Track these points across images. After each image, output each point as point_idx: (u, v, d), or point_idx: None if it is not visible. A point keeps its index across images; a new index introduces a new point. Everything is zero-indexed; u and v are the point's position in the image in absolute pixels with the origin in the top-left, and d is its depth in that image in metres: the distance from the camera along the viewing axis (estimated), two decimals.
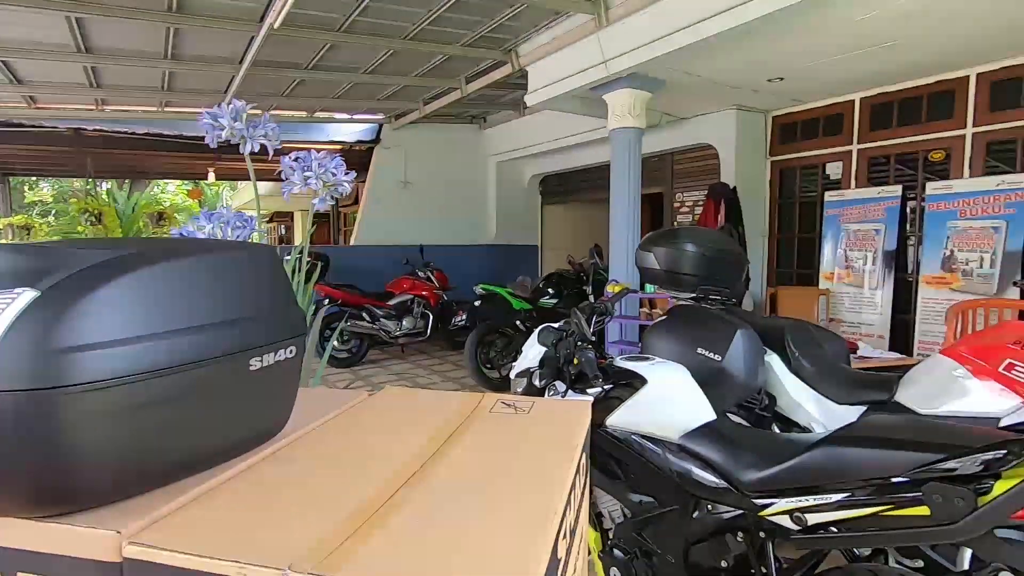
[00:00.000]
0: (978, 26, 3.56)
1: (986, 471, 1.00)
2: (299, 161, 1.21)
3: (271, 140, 1.22)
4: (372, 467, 0.74)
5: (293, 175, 1.20)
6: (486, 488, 0.69)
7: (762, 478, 1.30)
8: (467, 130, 8.14)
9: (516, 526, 0.58)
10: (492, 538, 0.55)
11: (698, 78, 4.57)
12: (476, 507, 0.61)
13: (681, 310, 2.43)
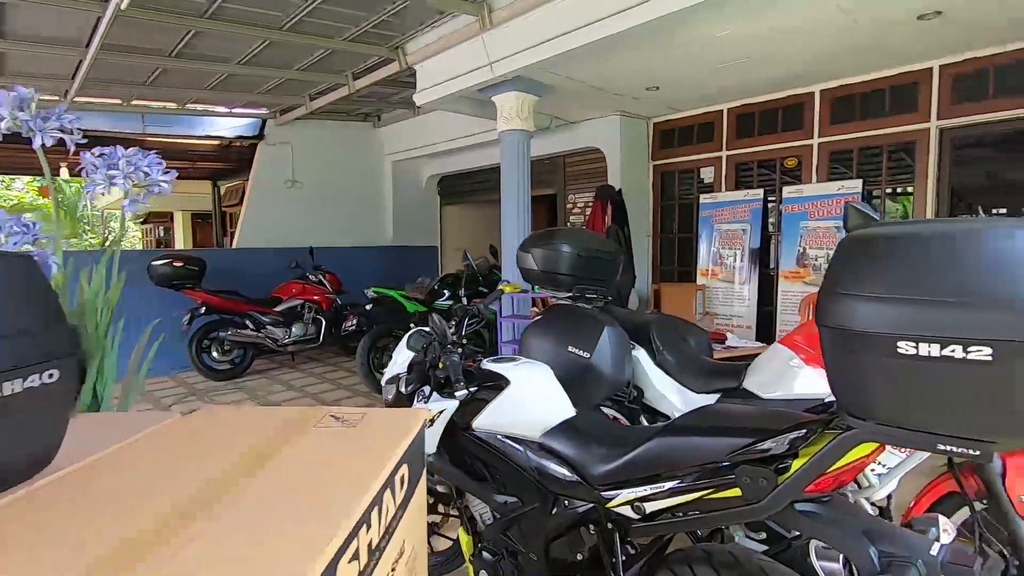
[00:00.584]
0: (818, 49, 3.99)
1: (790, 450, 1.10)
2: (103, 157, 1.08)
3: (70, 132, 1.07)
4: (151, 499, 0.67)
5: (96, 173, 1.07)
6: (269, 515, 0.65)
7: (608, 471, 1.36)
8: (360, 128, 7.89)
9: (281, 557, 0.54)
10: (252, 571, 0.51)
11: (582, 84, 4.74)
12: (251, 537, 0.57)
13: (553, 310, 2.49)
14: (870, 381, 0.82)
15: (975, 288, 0.72)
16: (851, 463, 1.05)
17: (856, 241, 0.85)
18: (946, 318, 0.73)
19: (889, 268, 0.79)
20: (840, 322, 0.83)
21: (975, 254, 0.73)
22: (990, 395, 0.72)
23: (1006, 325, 0.69)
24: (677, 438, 1.24)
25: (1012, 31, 3.68)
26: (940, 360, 0.74)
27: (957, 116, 4.19)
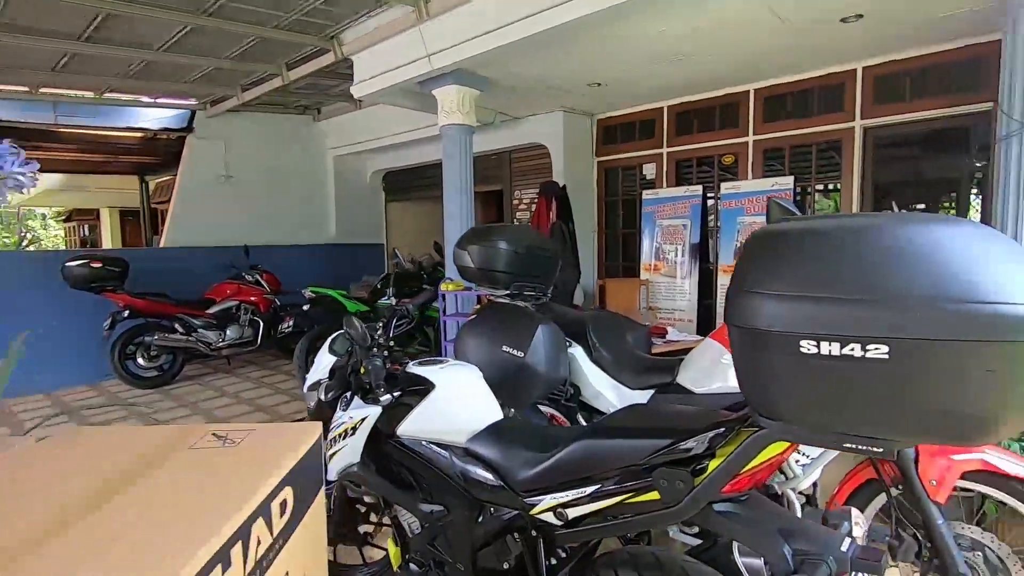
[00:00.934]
0: (750, 48, 4.09)
1: (709, 450, 1.08)
2: None
3: None
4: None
5: None
6: (97, 561, 0.56)
7: (531, 476, 1.31)
8: (299, 121, 7.59)
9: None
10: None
11: (524, 79, 4.69)
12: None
13: (487, 309, 2.44)
14: (776, 381, 0.80)
15: (871, 284, 0.70)
16: (765, 462, 1.04)
17: (760, 238, 0.83)
18: (845, 316, 0.71)
19: (790, 265, 0.77)
20: (746, 321, 0.80)
21: (871, 250, 0.72)
22: (888, 393, 0.71)
23: (900, 322, 0.68)
24: (598, 441, 1.20)
25: (927, 35, 3.87)
26: (840, 359, 0.72)
27: (879, 116, 4.40)
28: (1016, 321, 0.64)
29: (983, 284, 0.65)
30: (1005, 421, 0.71)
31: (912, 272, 0.68)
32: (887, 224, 0.73)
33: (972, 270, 0.67)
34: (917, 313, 0.67)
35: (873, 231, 0.73)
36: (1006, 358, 0.66)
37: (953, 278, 0.67)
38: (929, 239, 0.69)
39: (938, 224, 0.72)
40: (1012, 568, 1.64)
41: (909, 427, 0.73)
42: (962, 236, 0.69)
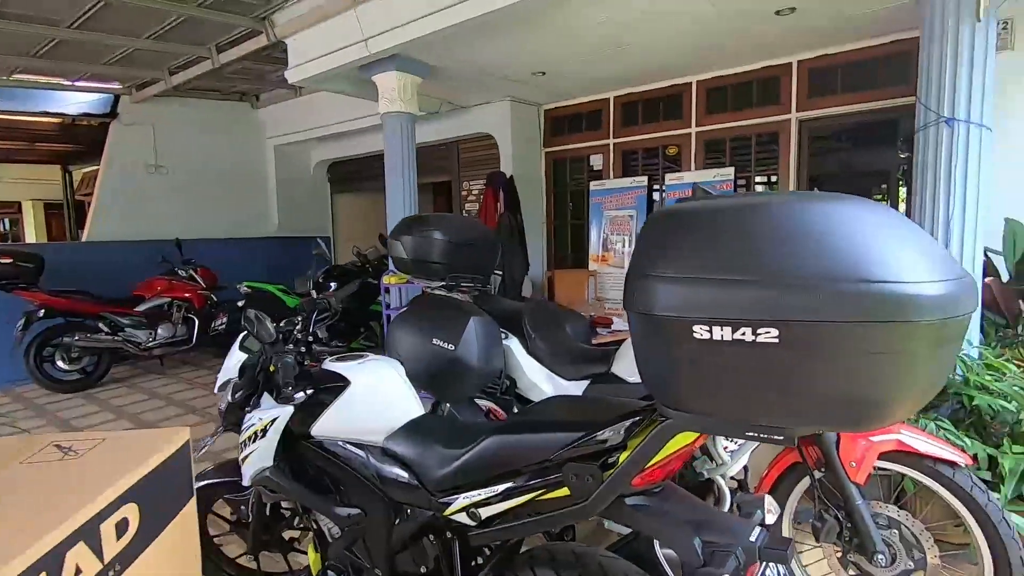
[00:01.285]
0: (691, 39, 4.12)
1: (621, 442, 1.03)
2: None
3: None
4: None
5: None
6: None
7: (444, 475, 1.25)
8: (237, 108, 7.24)
9: None
10: None
11: (468, 66, 4.59)
12: None
13: (418, 301, 2.36)
14: (672, 369, 0.76)
15: (760, 265, 0.66)
16: (675, 452, 1.01)
17: (655, 220, 0.79)
18: (736, 299, 0.67)
19: (683, 247, 0.73)
20: (642, 307, 0.75)
21: (760, 229, 0.68)
22: (780, 379, 0.68)
23: (789, 304, 0.64)
24: (509, 436, 1.15)
25: (856, 31, 3.99)
26: (733, 344, 0.68)
27: (813, 109, 4.52)
28: (905, 300, 0.61)
29: (871, 263, 0.62)
30: (900, 403, 0.68)
31: (800, 251, 0.65)
32: (777, 203, 0.70)
33: (860, 249, 0.64)
34: (804, 294, 0.63)
35: (762, 210, 0.69)
36: (896, 339, 0.63)
37: (841, 257, 0.63)
38: (818, 218, 0.66)
39: (829, 202, 0.69)
40: (925, 544, 1.69)
41: (804, 414, 0.70)
42: (852, 214, 0.66)
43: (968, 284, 0.68)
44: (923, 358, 0.64)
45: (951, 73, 2.45)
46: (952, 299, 0.64)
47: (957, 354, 0.77)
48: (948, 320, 0.64)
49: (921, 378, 0.67)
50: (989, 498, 1.64)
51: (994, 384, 2.21)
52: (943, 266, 0.65)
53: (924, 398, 0.72)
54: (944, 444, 1.71)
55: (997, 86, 2.72)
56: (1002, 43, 3.11)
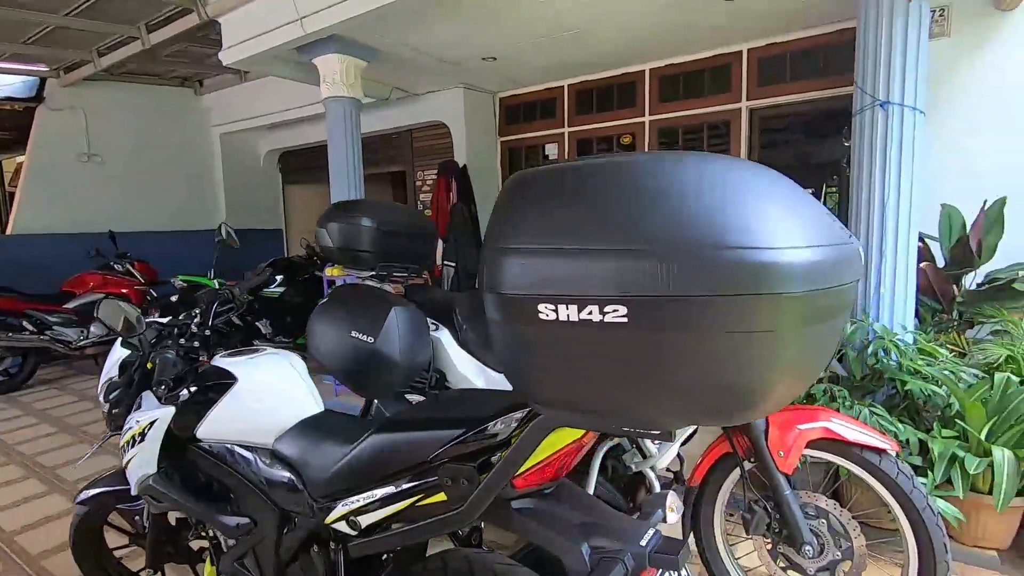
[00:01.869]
0: (641, 25, 4.05)
1: (505, 439, 0.93)
2: None
3: None
4: None
5: None
6: None
7: (327, 478, 1.13)
8: (178, 94, 6.89)
9: None
10: None
11: (414, 50, 4.43)
12: None
13: (339, 292, 2.21)
14: (524, 358, 0.66)
15: (610, 232, 0.56)
16: (563, 448, 0.91)
17: (510, 185, 0.68)
18: (583, 271, 0.57)
19: (533, 213, 0.62)
20: (491, 285, 0.65)
21: (614, 191, 0.58)
22: (632, 366, 0.58)
23: (638, 276, 0.54)
24: (388, 436, 1.04)
25: (804, 19, 3.99)
26: (579, 326, 0.58)
27: (763, 97, 4.51)
28: (765, 269, 0.52)
29: (731, 227, 0.53)
30: (771, 391, 0.59)
31: (653, 215, 0.55)
32: (634, 162, 0.60)
33: (721, 211, 0.54)
34: (654, 264, 0.53)
35: (617, 170, 0.60)
36: (760, 316, 0.54)
37: (698, 221, 0.54)
38: (680, 178, 0.56)
39: (695, 161, 0.59)
40: (852, 533, 1.65)
41: (665, 406, 0.61)
42: (721, 175, 0.57)
43: (849, 251, 0.60)
44: (794, 337, 0.56)
45: (886, 57, 2.43)
46: (825, 267, 0.55)
47: (842, 330, 0.68)
48: (821, 291, 0.55)
49: (795, 361, 0.58)
50: (914, 484, 1.61)
51: (926, 369, 2.20)
52: (818, 231, 0.57)
53: (803, 383, 0.63)
54: (871, 431, 1.67)
55: (933, 73, 2.73)
56: (938, 30, 3.12)
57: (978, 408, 2.05)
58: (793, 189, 0.61)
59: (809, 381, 0.63)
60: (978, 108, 3.14)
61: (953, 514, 1.93)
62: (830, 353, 0.64)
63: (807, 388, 0.66)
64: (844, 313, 0.61)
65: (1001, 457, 1.93)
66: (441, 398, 1.15)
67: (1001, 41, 3.06)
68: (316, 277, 5.27)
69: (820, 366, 0.63)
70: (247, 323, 4.77)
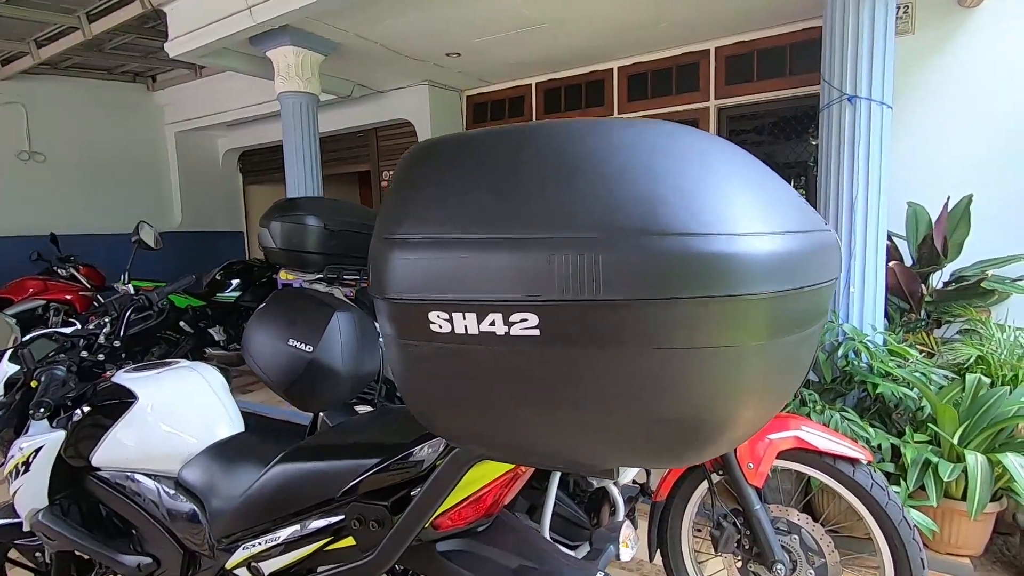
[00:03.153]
0: (608, 20, 3.95)
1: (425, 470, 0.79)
2: None
3: None
4: None
5: None
6: None
7: (231, 514, 0.97)
8: (129, 90, 6.56)
9: None
10: None
11: (374, 44, 4.25)
12: None
13: (277, 296, 2.04)
14: (420, 379, 0.51)
15: (520, 215, 0.42)
16: (495, 480, 0.77)
17: (407, 158, 0.54)
18: (484, 268, 0.43)
19: (429, 193, 0.48)
20: (377, 287, 0.50)
21: (531, 164, 0.44)
22: (549, 394, 0.44)
23: (551, 274, 0.40)
24: (296, 465, 0.88)
25: (770, 17, 3.94)
26: (481, 339, 0.44)
27: (731, 96, 4.46)
28: (725, 262, 0.39)
29: (673, 206, 0.40)
30: (732, 422, 0.46)
31: (577, 194, 0.42)
32: (560, 129, 0.46)
33: (662, 188, 0.41)
34: (572, 257, 0.40)
35: (537, 138, 0.46)
36: (717, 324, 0.40)
37: (633, 200, 0.40)
38: (598, 145, 0.43)
39: (635, 129, 0.46)
40: (825, 549, 1.55)
41: (597, 443, 0.47)
42: (651, 141, 0.43)
43: (826, 241, 0.48)
44: (760, 353, 0.43)
45: (852, 51, 2.37)
46: (798, 261, 0.42)
47: (819, 340, 0.54)
48: (793, 293, 0.42)
49: (762, 383, 0.45)
50: (890, 496, 1.51)
51: (897, 371, 2.13)
52: (788, 215, 0.44)
53: (772, 409, 0.50)
54: (844, 440, 1.58)
55: (898, 70, 2.68)
56: (903, 26, 3.09)
57: (950, 411, 1.99)
58: (755, 165, 0.48)
59: (780, 405, 0.51)
60: (942, 105, 3.12)
61: (928, 526, 1.85)
62: (805, 370, 0.51)
63: (778, 411, 0.53)
64: (821, 320, 0.49)
65: (975, 463, 1.86)
66: (365, 418, 1.00)
67: (964, 38, 3.04)
68: (275, 280, 5.05)
69: (793, 387, 0.51)
70: (199, 330, 4.52)
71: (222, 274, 4.87)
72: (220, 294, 4.70)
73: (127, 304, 1.58)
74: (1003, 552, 2.20)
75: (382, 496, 0.77)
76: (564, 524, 1.40)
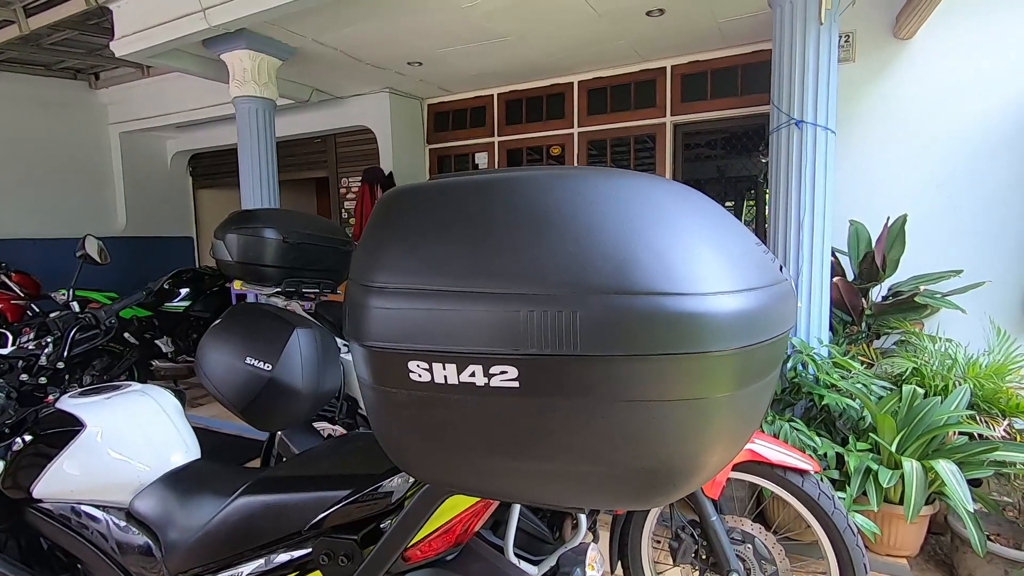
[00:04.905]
0: (569, 36, 4.02)
1: (396, 502, 0.78)
2: None
3: None
4: None
5: None
6: None
7: (189, 548, 0.93)
8: (70, 88, 6.23)
9: None
10: None
11: (334, 51, 4.19)
12: None
13: (234, 312, 1.98)
14: (398, 426, 0.52)
15: (498, 269, 0.44)
16: (465, 511, 0.78)
17: (382, 204, 0.54)
18: (464, 320, 0.44)
19: (406, 242, 0.48)
20: (354, 333, 0.50)
21: (508, 216, 0.45)
22: (531, 443, 0.45)
23: (531, 328, 0.42)
24: (261, 497, 0.86)
25: (723, 38, 4.11)
26: (460, 390, 0.45)
27: (686, 113, 4.62)
28: (695, 321, 0.42)
29: (644, 265, 0.42)
30: (698, 467, 0.49)
31: (553, 249, 0.43)
32: (535, 179, 0.48)
33: (632, 245, 0.43)
34: (551, 313, 0.41)
35: (513, 188, 0.47)
36: (686, 379, 0.43)
37: (607, 257, 0.42)
38: (573, 200, 0.45)
39: (592, 179, 0.48)
40: (777, 557, 1.62)
41: (572, 489, 0.49)
42: (623, 196, 0.45)
43: (785, 292, 0.51)
44: (725, 403, 0.45)
45: (799, 78, 2.49)
46: (761, 316, 0.46)
47: (776, 382, 0.58)
48: (757, 347, 0.45)
49: (727, 429, 0.48)
50: (836, 505, 1.60)
51: (841, 383, 2.25)
52: (752, 270, 0.47)
53: (734, 450, 0.54)
54: (793, 452, 1.65)
55: (841, 96, 2.84)
56: (844, 55, 3.28)
57: (889, 421, 2.11)
58: (721, 216, 0.51)
59: (741, 447, 0.54)
60: (881, 130, 3.32)
61: (871, 529, 1.96)
62: (764, 413, 0.55)
63: (739, 451, 0.56)
64: (779, 366, 0.52)
65: (911, 469, 1.98)
66: (332, 445, 0.99)
67: (900, 68, 3.25)
68: (228, 290, 4.88)
69: (753, 429, 0.54)
70: (145, 341, 4.32)
71: (170, 282, 4.68)
72: (168, 303, 4.51)
73: (71, 323, 1.51)
74: (936, 552, 2.35)
75: (351, 529, 0.76)
76: (527, 539, 1.41)
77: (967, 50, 3.10)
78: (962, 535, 2.02)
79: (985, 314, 2.92)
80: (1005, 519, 2.18)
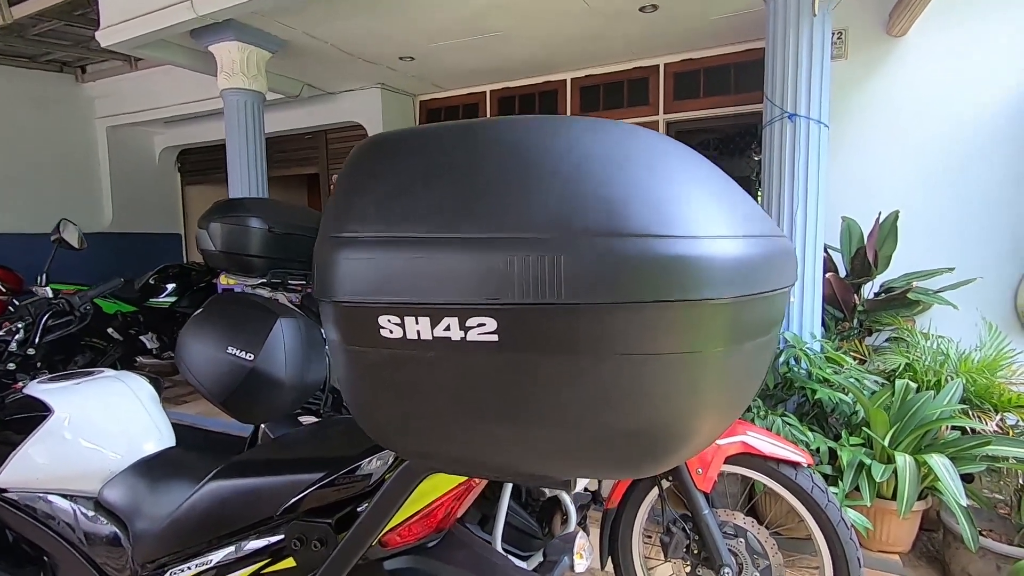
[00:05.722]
0: (561, 33, 4.00)
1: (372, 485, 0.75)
2: None
3: None
4: None
5: None
6: None
7: (157, 536, 0.89)
8: (55, 81, 6.13)
9: None
10: None
11: (324, 44, 4.15)
12: None
13: (215, 301, 1.93)
14: (369, 389, 0.48)
15: (476, 212, 0.40)
16: (447, 493, 0.74)
17: (357, 153, 0.50)
18: (437, 269, 0.41)
19: (379, 190, 0.45)
20: (322, 289, 0.47)
21: (488, 160, 0.42)
22: (511, 403, 0.42)
23: (510, 276, 0.38)
24: (232, 481, 0.82)
25: (716, 36, 4.10)
26: (435, 345, 0.41)
27: (679, 111, 4.61)
28: (689, 266, 0.38)
29: (635, 207, 0.38)
30: (692, 431, 0.45)
31: (535, 191, 0.40)
32: (517, 125, 0.44)
33: (621, 186, 0.39)
34: (532, 258, 0.38)
35: (494, 133, 0.44)
36: (680, 330, 0.39)
37: (594, 199, 0.39)
38: (559, 143, 0.41)
39: (579, 124, 0.45)
40: (769, 551, 1.59)
41: (558, 455, 0.45)
42: (612, 141, 0.42)
43: (783, 247, 0.48)
44: (722, 360, 0.42)
45: (793, 72, 2.48)
46: (758, 265, 0.42)
47: (776, 346, 0.54)
48: (754, 298, 0.42)
49: (723, 391, 0.45)
50: (829, 499, 1.57)
51: (833, 377, 2.23)
52: (747, 219, 0.44)
53: (730, 417, 0.50)
54: (787, 444, 1.63)
55: (834, 92, 2.83)
56: (837, 52, 3.28)
57: (881, 415, 2.09)
58: (714, 170, 0.48)
59: (737, 414, 0.51)
60: (873, 126, 3.32)
61: (863, 524, 1.94)
62: (761, 378, 0.51)
63: (735, 420, 0.53)
64: (778, 327, 0.49)
65: (903, 464, 1.96)
66: (308, 429, 0.95)
67: (892, 64, 3.25)
68: (214, 285, 4.81)
69: (750, 395, 0.51)
70: (129, 337, 4.24)
71: (156, 278, 4.60)
72: (154, 299, 4.44)
73: (43, 309, 1.46)
74: (928, 548, 2.33)
75: (326, 513, 0.72)
76: (516, 534, 1.38)
77: (960, 48, 3.11)
78: (955, 531, 2.00)
79: (977, 310, 2.92)
80: (997, 515, 2.16)
